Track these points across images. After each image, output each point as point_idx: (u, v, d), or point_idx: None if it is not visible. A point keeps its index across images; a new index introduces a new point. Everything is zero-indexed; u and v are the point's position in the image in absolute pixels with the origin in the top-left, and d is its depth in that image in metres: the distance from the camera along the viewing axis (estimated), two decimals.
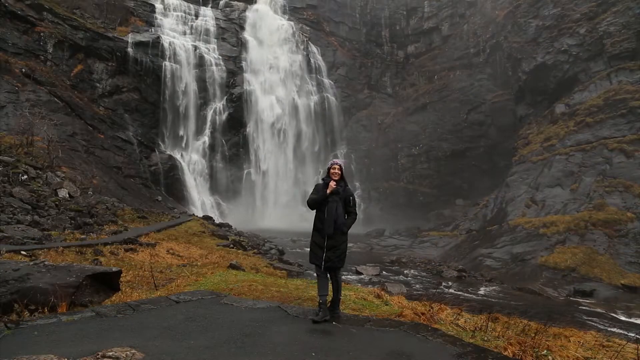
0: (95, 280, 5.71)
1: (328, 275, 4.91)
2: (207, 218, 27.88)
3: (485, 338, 4.45)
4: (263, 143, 42.55)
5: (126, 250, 11.22)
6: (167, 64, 38.10)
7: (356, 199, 5.34)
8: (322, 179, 5.05)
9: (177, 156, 37.79)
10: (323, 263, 4.77)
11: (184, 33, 42.28)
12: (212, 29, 43.94)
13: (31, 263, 5.65)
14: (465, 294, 15.59)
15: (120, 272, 6.33)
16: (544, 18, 36.27)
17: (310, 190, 5.16)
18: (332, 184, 4.82)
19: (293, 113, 44.48)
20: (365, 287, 9.13)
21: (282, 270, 13.56)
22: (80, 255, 9.59)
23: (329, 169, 5.02)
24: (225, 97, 41.44)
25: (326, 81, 48.27)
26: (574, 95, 31.54)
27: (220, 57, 42.22)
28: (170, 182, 35.66)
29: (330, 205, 4.81)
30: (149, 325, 4.28)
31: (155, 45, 37.96)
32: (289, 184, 42.46)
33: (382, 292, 6.82)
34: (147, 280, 8.13)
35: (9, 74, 28.09)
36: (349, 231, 5.03)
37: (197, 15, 44.46)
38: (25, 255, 8.37)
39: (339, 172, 4.98)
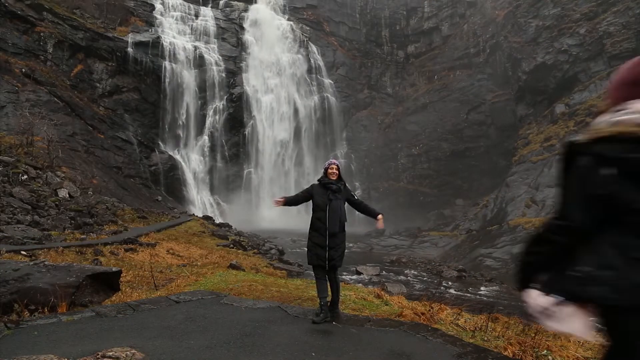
0: (95, 280, 5.71)
1: (326, 276, 4.89)
2: (207, 218, 27.86)
3: (485, 338, 4.45)
4: (266, 183, 41.73)
5: (126, 250, 11.22)
6: (167, 64, 38.08)
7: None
8: (319, 180, 4.99)
9: (177, 156, 37.77)
10: (327, 262, 4.76)
11: (184, 33, 42.27)
12: (212, 29, 43.92)
13: (31, 263, 5.66)
14: (465, 294, 15.57)
15: (120, 272, 6.33)
16: (544, 18, 36.27)
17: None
18: (279, 200, 4.92)
19: (296, 139, 44.01)
20: (365, 287, 9.12)
21: (282, 270, 13.54)
22: (80, 255, 9.59)
23: (326, 169, 4.97)
24: (225, 97, 41.43)
25: (326, 81, 48.22)
26: (574, 95, 31.53)
27: (220, 57, 42.21)
28: (170, 182, 35.66)
29: (334, 203, 4.80)
30: (149, 325, 4.28)
31: (155, 45, 37.94)
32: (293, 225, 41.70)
33: (382, 292, 6.82)
34: (147, 280, 8.13)
35: (9, 74, 28.08)
36: (349, 230, 5.03)
37: (197, 15, 44.44)
38: (25, 255, 8.37)
39: (337, 172, 4.95)
